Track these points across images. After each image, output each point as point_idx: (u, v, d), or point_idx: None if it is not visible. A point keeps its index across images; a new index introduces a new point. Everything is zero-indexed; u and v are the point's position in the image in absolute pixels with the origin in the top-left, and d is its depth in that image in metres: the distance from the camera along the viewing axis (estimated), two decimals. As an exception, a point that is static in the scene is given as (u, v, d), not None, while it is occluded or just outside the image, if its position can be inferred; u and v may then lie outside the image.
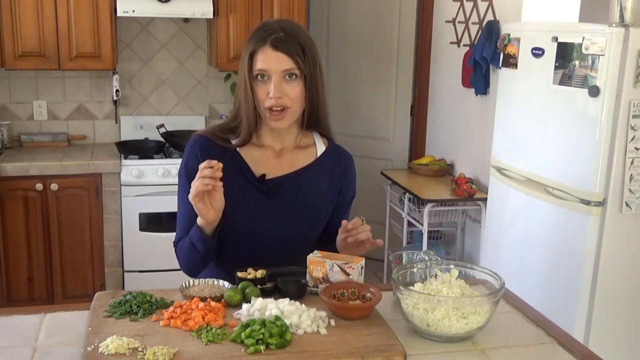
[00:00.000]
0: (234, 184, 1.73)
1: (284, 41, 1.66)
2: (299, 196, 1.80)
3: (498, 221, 3.12)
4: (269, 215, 1.77)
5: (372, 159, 4.74)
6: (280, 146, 1.81)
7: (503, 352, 1.46)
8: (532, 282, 2.76)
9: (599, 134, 2.49)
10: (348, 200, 1.92)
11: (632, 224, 2.56)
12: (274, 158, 1.81)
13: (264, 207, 1.77)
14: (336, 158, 1.88)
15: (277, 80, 1.67)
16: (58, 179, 3.58)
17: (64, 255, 3.66)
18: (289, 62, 1.66)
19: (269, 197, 1.78)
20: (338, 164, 1.88)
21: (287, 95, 1.68)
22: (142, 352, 1.34)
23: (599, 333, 2.58)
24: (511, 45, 2.93)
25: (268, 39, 1.67)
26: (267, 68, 1.67)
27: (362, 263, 1.66)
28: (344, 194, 1.89)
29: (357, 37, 4.73)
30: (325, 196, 1.84)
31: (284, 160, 1.81)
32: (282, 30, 1.68)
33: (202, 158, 1.71)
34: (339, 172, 1.87)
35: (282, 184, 1.79)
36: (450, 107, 4.16)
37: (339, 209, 1.89)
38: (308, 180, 1.81)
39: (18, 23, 3.61)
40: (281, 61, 1.66)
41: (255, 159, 1.79)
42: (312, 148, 1.85)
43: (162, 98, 4.26)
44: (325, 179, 1.84)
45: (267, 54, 1.66)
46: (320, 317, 1.50)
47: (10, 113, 4.05)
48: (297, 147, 1.83)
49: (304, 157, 1.83)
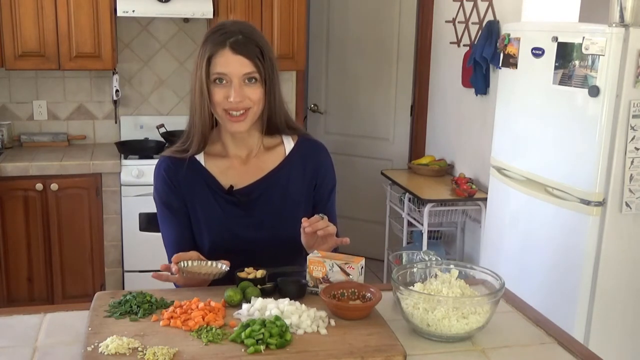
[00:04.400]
0: (204, 198, 1.72)
1: (243, 44, 1.63)
2: (273, 201, 1.76)
3: (498, 221, 3.12)
4: (246, 225, 1.74)
5: (372, 159, 4.74)
6: (246, 152, 1.78)
7: (503, 352, 1.46)
8: (532, 282, 2.76)
9: (599, 134, 2.49)
10: (328, 191, 1.86)
11: (632, 224, 2.56)
12: (241, 166, 1.77)
13: (239, 218, 1.74)
14: (307, 152, 1.83)
15: (238, 84, 1.63)
16: (58, 179, 3.58)
17: (64, 255, 3.66)
18: (249, 66, 1.63)
19: (242, 208, 1.75)
20: (309, 158, 1.82)
21: (248, 98, 1.65)
22: (142, 352, 1.34)
23: (599, 333, 2.58)
24: (511, 45, 2.93)
25: (227, 42, 1.63)
26: (227, 72, 1.63)
27: (362, 263, 1.66)
28: (321, 187, 1.84)
29: (357, 37, 4.72)
30: (300, 194, 1.80)
31: (251, 167, 1.77)
32: (241, 32, 1.65)
33: (169, 179, 1.74)
34: (311, 166, 1.82)
35: (252, 192, 1.75)
36: (450, 107, 4.16)
37: (320, 202, 1.85)
38: (279, 183, 1.77)
39: (18, 23, 3.61)
40: (242, 65, 1.63)
41: (221, 170, 1.76)
42: (279, 147, 1.81)
43: (162, 98, 4.26)
44: (298, 176, 1.80)
45: (226, 58, 1.63)
46: (320, 317, 1.50)
47: (10, 113, 4.05)
48: (264, 150, 1.79)
49: (272, 159, 1.79)
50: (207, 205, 1.73)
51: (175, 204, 1.76)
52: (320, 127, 4.92)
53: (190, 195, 1.75)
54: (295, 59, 4.02)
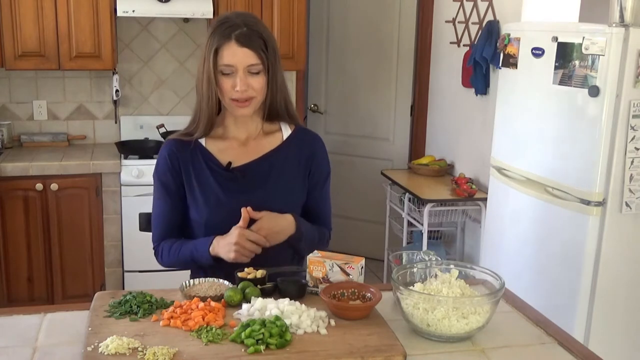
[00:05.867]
0: (202, 175, 1.83)
1: (248, 36, 1.74)
2: (267, 180, 1.86)
3: (498, 221, 3.12)
4: (240, 201, 1.80)
5: (372, 159, 4.74)
6: (246, 135, 1.88)
7: (503, 352, 1.46)
8: (532, 282, 2.76)
9: (599, 134, 2.48)
10: (322, 179, 1.96)
11: (632, 224, 2.56)
12: (240, 147, 1.87)
13: (235, 194, 1.83)
14: (302, 140, 1.93)
15: (243, 75, 1.74)
16: (58, 179, 3.58)
17: (64, 255, 3.66)
18: (253, 57, 1.74)
19: (238, 184, 1.84)
20: (305, 146, 1.93)
21: (251, 87, 1.76)
22: (142, 352, 1.34)
23: (599, 333, 2.58)
24: (511, 45, 2.93)
25: (232, 35, 1.73)
26: (233, 63, 1.73)
27: (362, 263, 1.66)
28: (314, 174, 1.93)
29: (357, 37, 4.72)
30: (294, 177, 1.89)
31: (249, 148, 1.87)
32: (245, 25, 1.75)
33: (170, 162, 1.86)
34: (306, 154, 1.92)
35: (249, 169, 1.85)
36: (450, 107, 4.16)
37: (314, 190, 1.94)
38: (275, 164, 1.87)
39: (18, 23, 3.61)
40: (246, 56, 1.73)
41: (220, 149, 1.86)
42: (277, 133, 1.91)
43: (162, 98, 4.26)
44: (294, 161, 1.90)
45: (232, 50, 1.73)
46: (320, 317, 1.50)
47: (10, 113, 4.05)
48: (263, 134, 1.90)
49: (270, 142, 1.89)
50: (205, 182, 1.83)
51: (172, 186, 1.87)
52: (320, 127, 4.92)
53: (188, 174, 1.85)
54: (295, 59, 4.02)
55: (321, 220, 1.96)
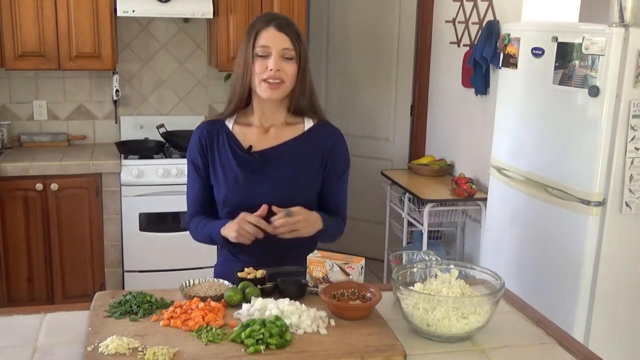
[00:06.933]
0: (225, 155, 1.95)
1: (286, 25, 1.89)
2: (284, 166, 1.94)
3: (498, 221, 3.12)
4: (255, 183, 1.92)
5: (372, 159, 4.74)
6: (269, 124, 1.98)
7: (503, 352, 1.46)
8: (532, 282, 2.76)
9: (599, 134, 2.48)
10: (339, 173, 2.05)
11: (632, 224, 2.56)
12: (262, 133, 1.98)
13: (253, 175, 1.93)
14: (323, 133, 2.01)
15: (277, 56, 1.85)
16: (58, 179, 3.58)
17: (64, 255, 3.66)
18: (288, 42, 1.86)
19: (256, 166, 1.94)
20: (324, 139, 2.00)
21: (284, 70, 1.86)
22: (142, 352, 1.34)
23: (599, 333, 2.58)
24: (511, 45, 2.93)
25: (272, 22, 1.88)
26: (269, 44, 1.85)
27: (362, 263, 1.66)
28: (331, 167, 2.01)
29: (357, 37, 4.72)
30: (310, 167, 1.98)
31: (271, 135, 1.97)
32: (284, 18, 1.93)
33: (199, 143, 1.98)
34: (324, 146, 2.00)
35: (268, 154, 1.95)
36: (450, 107, 4.16)
37: (330, 182, 2.03)
38: (293, 151, 1.96)
39: (18, 23, 3.61)
40: (282, 40, 1.86)
41: (245, 134, 1.98)
42: (300, 125, 2.00)
43: (162, 98, 4.26)
44: (312, 152, 1.98)
45: (270, 33, 1.86)
46: (320, 317, 1.50)
47: (10, 113, 4.05)
48: (285, 124, 1.99)
49: (291, 132, 1.98)
50: (226, 162, 1.95)
51: (202, 167, 1.99)
52: (320, 127, 4.91)
53: (213, 154, 1.97)
54: (295, 59, 4.02)
55: (336, 210, 2.08)
